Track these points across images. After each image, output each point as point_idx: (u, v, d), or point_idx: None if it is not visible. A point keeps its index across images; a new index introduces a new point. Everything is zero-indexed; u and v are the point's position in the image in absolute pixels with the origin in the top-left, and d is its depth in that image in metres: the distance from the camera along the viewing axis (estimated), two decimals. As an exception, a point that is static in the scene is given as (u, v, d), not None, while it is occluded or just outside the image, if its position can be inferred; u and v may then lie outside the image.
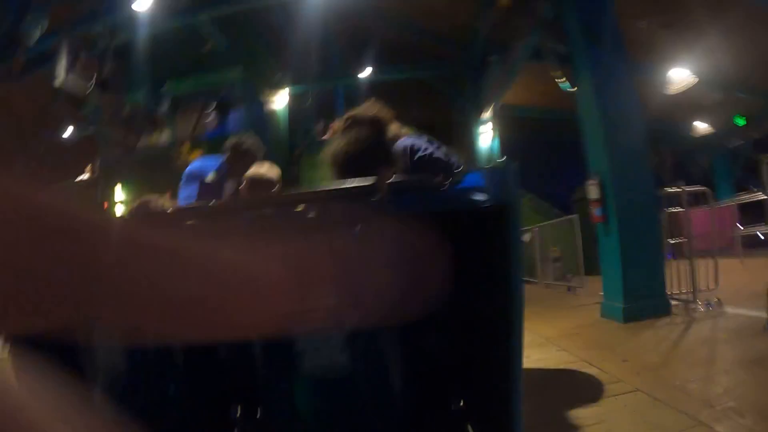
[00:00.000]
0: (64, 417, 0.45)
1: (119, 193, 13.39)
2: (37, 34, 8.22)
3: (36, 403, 0.44)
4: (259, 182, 2.77)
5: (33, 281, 0.45)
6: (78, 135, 16.07)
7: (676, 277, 5.63)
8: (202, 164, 3.64)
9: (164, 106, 12.96)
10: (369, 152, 1.78)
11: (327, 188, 1.10)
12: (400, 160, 1.91)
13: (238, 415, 1.35)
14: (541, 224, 10.90)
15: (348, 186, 1.07)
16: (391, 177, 1.68)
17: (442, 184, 1.01)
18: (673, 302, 5.46)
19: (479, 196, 0.98)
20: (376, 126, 1.91)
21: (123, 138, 14.28)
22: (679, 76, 9.75)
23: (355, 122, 1.91)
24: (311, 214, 1.07)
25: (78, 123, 15.52)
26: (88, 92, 9.05)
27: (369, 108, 1.98)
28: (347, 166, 1.75)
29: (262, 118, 13.97)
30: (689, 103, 12.63)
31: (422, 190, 1.03)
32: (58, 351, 1.35)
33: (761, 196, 7.38)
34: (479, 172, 1.03)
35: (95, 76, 9.04)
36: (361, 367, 1.13)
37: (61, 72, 8.31)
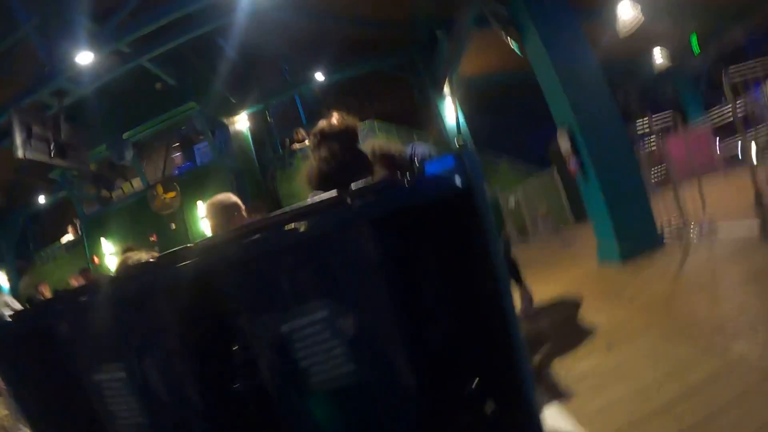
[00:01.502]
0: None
1: (106, 246, 13.30)
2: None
3: None
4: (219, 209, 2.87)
5: None
6: (52, 200, 15.99)
7: (664, 207, 5.69)
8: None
9: (129, 154, 12.86)
10: (344, 166, 1.77)
11: (298, 207, 1.12)
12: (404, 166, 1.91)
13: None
14: (523, 184, 10.96)
15: (316, 201, 1.09)
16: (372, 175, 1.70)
17: (404, 180, 1.03)
18: (666, 233, 5.52)
19: (442, 185, 1.01)
20: (346, 137, 1.87)
21: (96, 194, 14.21)
22: (627, 16, 9.77)
23: (323, 137, 1.87)
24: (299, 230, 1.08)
25: (49, 188, 15.43)
26: (50, 157, 8.95)
27: (334, 120, 1.91)
28: (325, 184, 1.76)
29: (227, 144, 13.96)
30: (644, 38, 12.71)
31: (387, 189, 1.05)
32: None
33: (728, 109, 7.46)
34: (438, 160, 1.05)
35: (53, 141, 8.95)
36: (369, 370, 1.15)
37: (18, 145, 8.22)
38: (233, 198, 2.96)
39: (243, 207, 2.94)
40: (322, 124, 1.91)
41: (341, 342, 1.10)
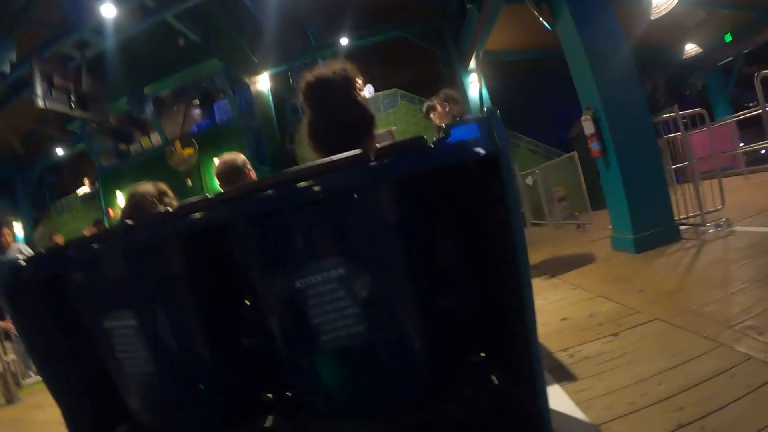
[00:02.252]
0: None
1: (122, 199, 13.43)
2: (7, 65, 8.17)
3: None
4: (226, 171, 2.88)
5: None
6: (69, 152, 16.11)
7: (682, 201, 5.62)
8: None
9: (149, 109, 12.89)
10: (339, 118, 1.62)
11: (319, 163, 1.10)
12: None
13: (269, 398, 1.37)
14: (543, 165, 10.86)
15: (340, 157, 1.08)
16: (373, 137, 1.63)
17: (428, 144, 1.01)
18: (682, 227, 5.46)
19: (468, 150, 0.99)
20: (342, 85, 1.67)
21: (114, 147, 14.30)
22: (658, -2, 9.58)
23: (317, 86, 1.68)
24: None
25: (67, 140, 15.54)
26: (71, 108, 9.00)
27: (333, 66, 1.71)
28: (319, 138, 1.63)
29: (247, 103, 13.93)
30: (675, 26, 12.44)
31: (411, 150, 1.03)
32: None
33: (758, 111, 7.32)
34: (464, 125, 1.03)
35: (73, 92, 8.98)
36: (379, 333, 1.14)
37: (39, 95, 8.26)
38: (241, 158, 2.92)
39: (250, 168, 2.91)
40: (316, 71, 1.72)
41: (354, 302, 1.10)
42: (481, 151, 0.98)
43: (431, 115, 4.72)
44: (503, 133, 1.01)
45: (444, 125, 1.07)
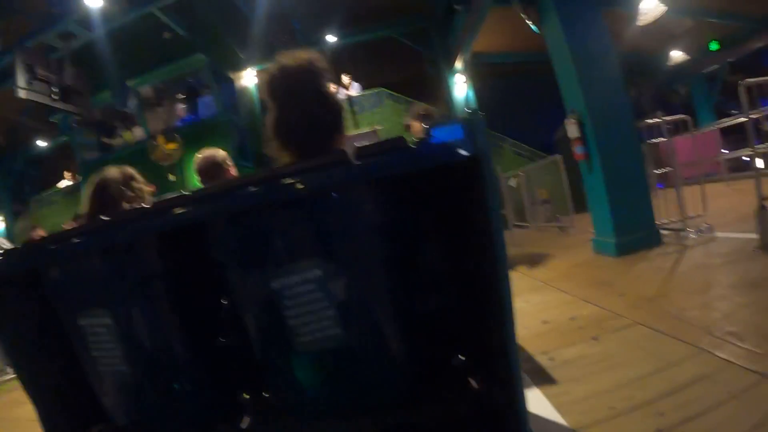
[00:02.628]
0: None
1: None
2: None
3: None
4: (206, 167, 2.83)
5: None
6: (52, 144, 15.88)
7: (664, 206, 5.68)
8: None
9: (133, 102, 12.76)
10: (308, 112, 1.45)
11: (299, 164, 1.09)
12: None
13: (246, 399, 1.36)
14: (526, 167, 10.92)
15: (320, 159, 1.06)
16: (343, 133, 1.53)
17: (410, 144, 1.00)
18: (664, 232, 5.51)
19: (449, 151, 0.97)
20: (310, 75, 1.50)
21: (97, 140, 14.12)
22: (649, 5, 9.66)
23: (282, 77, 1.51)
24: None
25: (49, 132, 15.31)
26: (53, 100, 8.87)
27: (298, 56, 1.54)
28: (291, 132, 1.47)
29: (232, 99, 13.84)
30: (662, 33, 12.56)
31: (393, 151, 1.01)
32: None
33: (742, 119, 7.41)
34: (445, 126, 1.02)
35: (56, 84, 8.85)
36: (357, 335, 1.13)
37: (21, 86, 8.13)
38: (221, 154, 2.87)
39: (230, 165, 2.86)
40: (279, 62, 1.55)
41: (331, 304, 1.08)
42: (463, 152, 0.97)
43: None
44: (485, 135, 1.00)
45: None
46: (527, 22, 6.24)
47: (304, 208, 1.08)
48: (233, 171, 2.87)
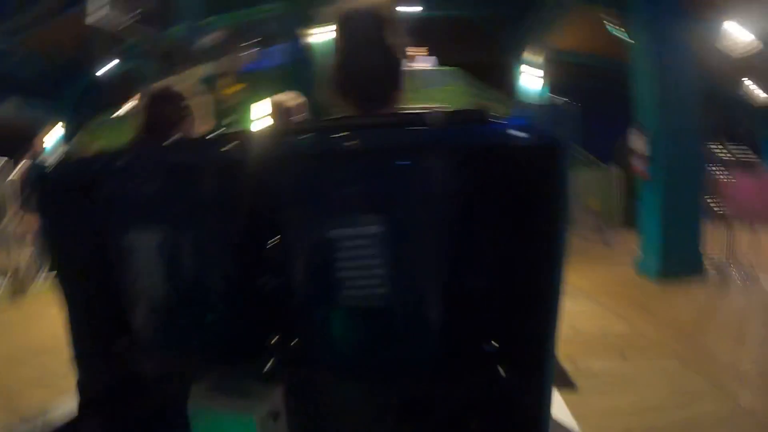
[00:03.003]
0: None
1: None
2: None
3: None
4: (281, 109, 2.77)
5: None
6: (119, 69, 16.28)
7: (713, 240, 5.51)
8: None
9: (204, 41, 12.91)
10: (367, 57, 1.38)
11: (379, 117, 1.07)
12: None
13: (273, 344, 1.37)
14: (581, 173, 10.68)
15: (400, 113, 1.04)
16: (401, 90, 1.43)
17: (491, 117, 0.97)
18: (709, 267, 5.36)
19: (531, 135, 0.94)
20: (373, 22, 1.40)
21: (163, 72, 14.40)
22: (742, 37, 9.19)
23: (348, 18, 1.43)
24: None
25: (118, 57, 15.69)
26: (126, 27, 9.05)
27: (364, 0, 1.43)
28: (344, 78, 1.40)
29: (302, 52, 13.85)
30: (749, 67, 11.97)
31: (473, 121, 0.99)
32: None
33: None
34: (531, 111, 0.99)
35: (134, 10, 9.02)
36: (400, 299, 1.12)
37: (97, 8, 8.30)
38: (299, 99, 2.82)
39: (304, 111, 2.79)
40: (346, 4, 1.44)
41: (382, 263, 1.07)
42: (545, 139, 0.94)
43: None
44: (569, 127, 0.97)
45: None
46: (610, 26, 6.05)
47: (374, 163, 1.07)
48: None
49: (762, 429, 2.11)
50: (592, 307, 4.20)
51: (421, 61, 13.98)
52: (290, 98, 2.79)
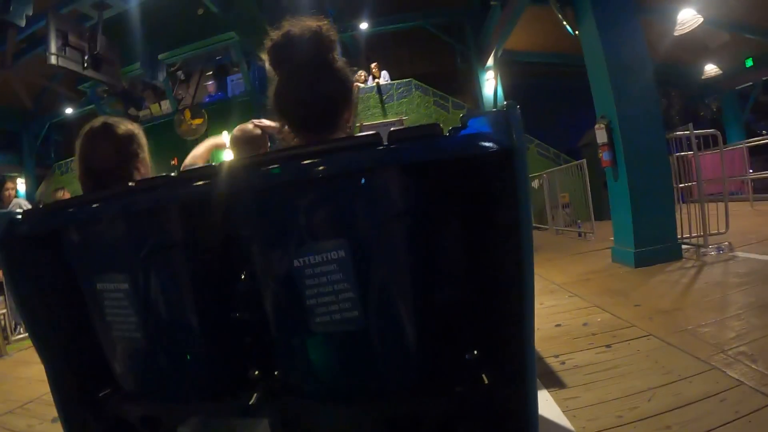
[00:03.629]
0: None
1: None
2: (23, 19, 8.07)
3: None
4: (244, 140, 2.74)
5: None
6: (78, 112, 16.07)
7: (686, 221, 5.61)
8: None
9: (162, 76, 12.85)
10: (314, 82, 1.35)
11: (329, 142, 1.08)
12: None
13: (256, 376, 1.36)
14: (550, 170, 10.83)
15: (351, 137, 1.05)
16: (351, 111, 1.43)
17: (444, 131, 0.99)
18: (684, 246, 5.44)
19: (483, 142, 0.96)
20: (316, 44, 1.37)
21: (123, 111, 14.26)
22: (686, 16, 9.49)
23: (287, 44, 1.39)
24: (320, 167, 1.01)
25: (76, 100, 15.49)
26: (83, 68, 8.96)
27: (304, 23, 1.40)
28: (292, 105, 1.37)
29: (262, 79, 13.85)
30: (697, 45, 12.33)
31: (426, 137, 1.00)
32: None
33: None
34: (482, 116, 1.00)
35: (87, 52, 8.94)
36: (374, 319, 1.12)
37: (53, 52, 8.21)
38: (260, 129, 2.80)
39: (268, 142, 2.78)
40: (284, 27, 1.41)
41: (351, 286, 1.07)
42: (497, 145, 0.95)
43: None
44: (521, 129, 0.98)
45: None
46: (563, 23, 6.17)
47: (331, 188, 1.07)
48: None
49: (754, 399, 2.14)
50: (572, 300, 4.24)
51: (378, 77, 14.10)
52: (251, 129, 2.79)
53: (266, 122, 2.76)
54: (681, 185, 5.93)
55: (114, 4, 9.90)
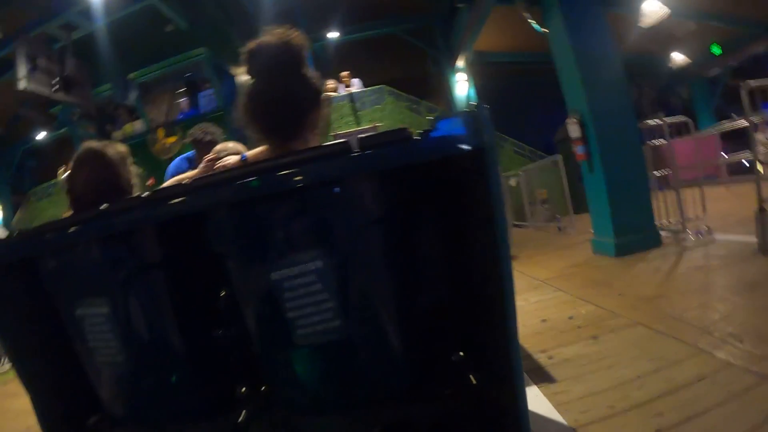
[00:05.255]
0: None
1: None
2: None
3: None
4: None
5: None
6: (51, 136, 15.84)
7: (664, 208, 5.66)
8: (178, 164, 3.68)
9: (133, 95, 12.73)
10: (284, 86, 1.41)
11: (299, 153, 1.07)
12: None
13: (243, 392, 1.35)
14: (526, 168, 10.91)
15: (321, 147, 1.04)
16: (319, 115, 1.47)
17: (415, 135, 0.99)
18: (663, 233, 5.50)
19: (453, 143, 0.96)
20: (287, 57, 1.45)
21: (97, 133, 14.09)
22: (652, 7, 9.66)
23: (261, 51, 1.47)
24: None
25: (49, 124, 15.28)
26: (53, 91, 8.83)
27: (277, 33, 1.48)
28: (262, 108, 1.42)
29: (234, 94, 13.78)
30: (665, 35, 12.54)
31: (396, 142, 1.00)
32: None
33: (744, 124, 7.40)
34: (451, 118, 1.00)
35: (57, 75, 8.82)
36: (356, 328, 1.12)
37: (22, 76, 8.09)
38: (239, 148, 2.79)
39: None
40: (260, 38, 1.49)
41: (331, 296, 1.07)
42: (467, 145, 0.96)
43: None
44: (490, 128, 0.98)
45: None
46: (530, 21, 6.22)
47: (305, 198, 1.07)
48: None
49: (743, 378, 2.16)
50: (556, 295, 4.27)
51: (350, 85, 14.12)
52: (230, 148, 2.77)
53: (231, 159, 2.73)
54: (656, 173, 6.00)
55: (82, 25, 9.80)
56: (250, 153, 2.09)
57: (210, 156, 2.70)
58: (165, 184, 2.39)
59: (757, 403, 1.99)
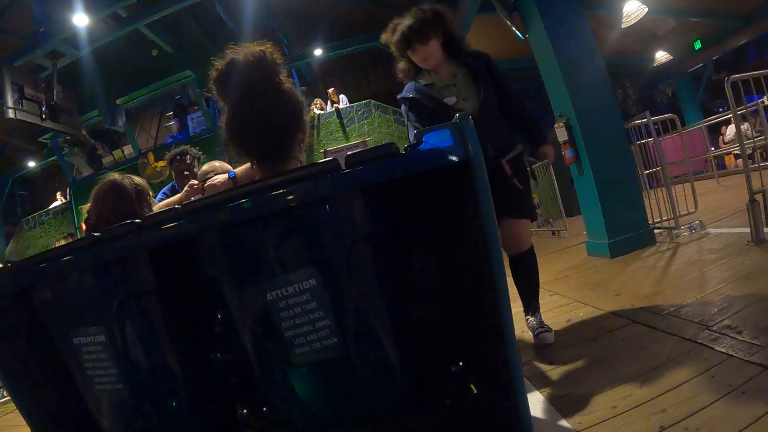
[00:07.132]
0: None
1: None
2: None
3: None
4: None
5: None
6: (41, 164, 15.80)
7: (655, 206, 5.69)
8: (161, 198, 3.84)
9: (122, 120, 12.73)
10: (265, 106, 1.33)
11: (290, 173, 1.08)
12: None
13: (245, 415, 1.34)
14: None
15: (309, 166, 1.05)
16: (304, 131, 1.45)
17: (400, 150, 1.00)
18: (657, 231, 5.53)
19: (440, 155, 0.97)
20: (264, 69, 1.37)
21: (86, 159, 14.06)
22: (631, 7, 9.78)
23: (234, 72, 1.38)
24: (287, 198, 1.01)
25: (38, 152, 15.24)
26: (42, 119, 8.83)
27: (248, 49, 1.40)
28: (245, 132, 1.35)
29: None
30: (646, 34, 12.68)
31: (383, 157, 1.01)
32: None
33: (729, 115, 7.47)
34: (437, 131, 1.01)
35: (45, 103, 8.82)
36: (354, 344, 1.12)
37: (10, 106, 8.09)
38: (226, 166, 2.80)
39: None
40: (227, 56, 1.41)
41: (327, 313, 1.07)
42: (454, 157, 0.97)
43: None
44: (476, 139, 0.99)
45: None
46: (512, 29, 6.28)
47: (296, 218, 1.07)
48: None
49: (745, 371, 2.15)
50: (553, 299, 4.27)
51: (337, 101, 14.18)
52: (217, 167, 2.79)
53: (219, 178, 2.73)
54: (646, 171, 6.04)
55: (67, 53, 9.81)
56: (238, 170, 2.10)
57: (193, 182, 2.71)
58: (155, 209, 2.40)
59: (760, 393, 1.99)
